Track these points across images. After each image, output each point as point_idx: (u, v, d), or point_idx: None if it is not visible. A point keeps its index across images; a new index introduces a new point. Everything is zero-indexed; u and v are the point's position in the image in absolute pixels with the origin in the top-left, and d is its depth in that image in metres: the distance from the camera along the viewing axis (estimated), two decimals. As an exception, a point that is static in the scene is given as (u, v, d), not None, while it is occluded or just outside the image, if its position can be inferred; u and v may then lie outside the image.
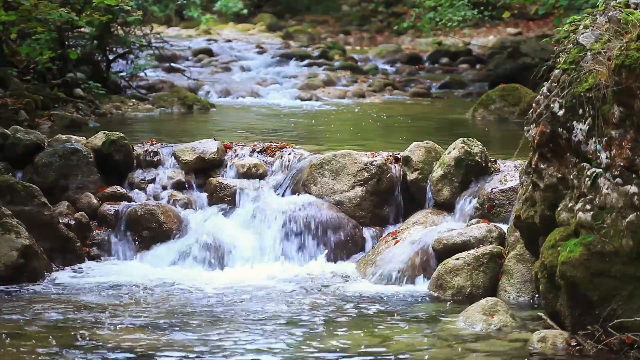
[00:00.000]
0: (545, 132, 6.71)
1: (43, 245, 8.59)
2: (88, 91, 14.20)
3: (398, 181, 9.37)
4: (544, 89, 6.81)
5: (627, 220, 6.17)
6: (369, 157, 9.44)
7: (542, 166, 6.83)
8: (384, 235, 9.10)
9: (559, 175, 6.70)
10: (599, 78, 6.27)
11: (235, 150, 10.02)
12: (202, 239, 9.01)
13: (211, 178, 9.68)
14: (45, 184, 9.27)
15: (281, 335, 6.76)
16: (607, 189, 6.26)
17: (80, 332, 6.76)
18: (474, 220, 8.60)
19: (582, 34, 6.57)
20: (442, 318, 7.19)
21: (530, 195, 7.00)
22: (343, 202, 9.30)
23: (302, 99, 17.12)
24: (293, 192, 9.46)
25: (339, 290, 8.10)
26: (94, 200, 9.38)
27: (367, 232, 9.23)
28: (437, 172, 9.09)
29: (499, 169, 9.14)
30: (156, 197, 9.54)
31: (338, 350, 6.44)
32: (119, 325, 6.94)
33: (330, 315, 7.33)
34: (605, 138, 6.29)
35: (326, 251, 9.05)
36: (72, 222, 9.11)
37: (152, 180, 9.72)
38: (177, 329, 6.90)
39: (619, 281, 6.23)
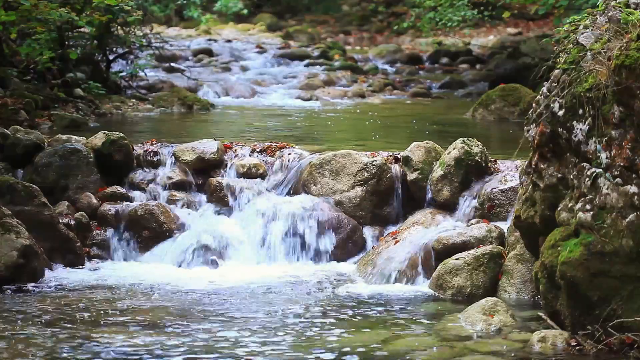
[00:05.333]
0: (545, 132, 6.71)
1: (43, 245, 8.59)
2: (88, 91, 14.19)
3: (398, 181, 9.37)
4: (544, 89, 6.81)
5: (627, 220, 6.17)
6: (369, 157, 9.44)
7: (542, 166, 6.83)
8: (384, 235, 9.10)
9: (559, 175, 6.70)
10: (599, 78, 6.27)
11: (235, 150, 10.02)
12: (202, 239, 9.02)
13: (211, 178, 9.69)
14: (45, 184, 9.27)
15: (280, 335, 6.76)
16: (607, 189, 6.27)
17: (80, 331, 6.77)
18: (474, 220, 8.60)
19: (582, 34, 6.57)
20: (442, 318, 7.19)
21: (530, 195, 7.00)
22: (343, 202, 9.30)
23: (302, 99, 17.11)
24: (293, 192, 9.47)
25: (338, 291, 8.10)
26: (94, 200, 9.39)
27: (367, 232, 9.23)
28: (437, 172, 9.10)
29: (499, 169, 9.15)
30: (156, 197, 9.54)
31: (338, 350, 6.44)
32: (119, 325, 6.94)
33: (330, 315, 7.33)
34: (605, 138, 6.29)
35: (326, 251, 9.05)
36: (72, 222, 9.11)
37: (152, 180, 9.72)
38: (177, 328, 6.90)
39: (619, 281, 6.23)
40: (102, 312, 7.34)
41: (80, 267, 8.86)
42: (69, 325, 6.94)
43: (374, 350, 6.44)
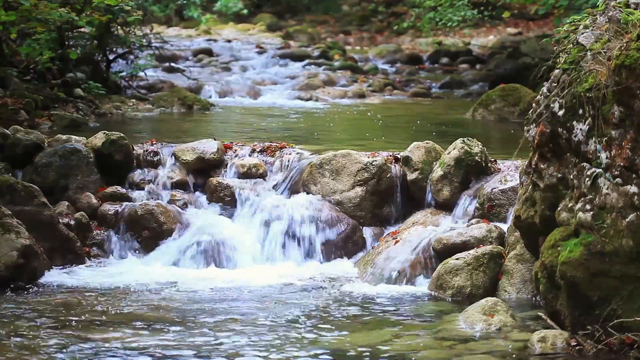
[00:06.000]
0: (545, 132, 6.71)
1: (43, 245, 8.59)
2: (88, 91, 14.19)
3: (398, 181, 9.37)
4: (544, 89, 6.81)
5: (627, 220, 6.17)
6: (369, 157, 9.44)
7: (542, 166, 6.83)
8: (384, 235, 9.10)
9: (559, 175, 6.70)
10: (599, 78, 6.27)
11: (235, 150, 10.02)
12: (202, 239, 9.02)
13: (211, 178, 9.69)
14: (45, 184, 9.27)
15: (280, 335, 6.76)
16: (607, 189, 6.27)
17: (80, 332, 6.77)
18: (474, 220, 8.60)
19: (582, 34, 6.57)
20: (442, 318, 7.19)
21: (530, 195, 7.00)
22: (343, 202, 9.30)
23: (302, 99, 17.11)
24: (293, 192, 9.46)
25: (338, 291, 8.10)
26: (94, 200, 9.38)
27: (367, 232, 9.23)
28: (437, 172, 9.09)
29: (499, 169, 9.15)
30: (156, 197, 9.54)
31: (338, 350, 6.44)
32: (119, 325, 6.94)
33: (330, 315, 7.33)
34: (605, 138, 6.29)
35: (326, 251, 9.05)
36: (72, 222, 9.11)
37: (152, 180, 9.72)
38: (177, 328, 6.90)
39: (619, 281, 6.23)
40: (102, 312, 7.34)
41: (80, 267, 8.85)
42: (69, 326, 6.94)
43: (374, 350, 6.44)
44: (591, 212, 6.32)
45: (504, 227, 8.34)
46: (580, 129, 6.46)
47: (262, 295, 7.97)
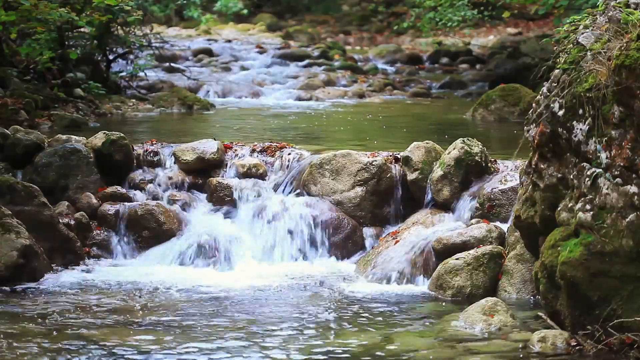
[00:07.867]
0: (545, 132, 6.71)
1: (43, 245, 8.59)
2: (88, 91, 14.20)
3: (398, 181, 9.37)
4: (544, 89, 6.81)
5: (627, 220, 6.17)
6: (369, 157, 9.44)
7: (542, 166, 6.83)
8: (384, 235, 9.11)
9: (559, 175, 6.71)
10: (599, 78, 6.27)
11: (235, 150, 10.02)
12: (202, 239, 9.02)
13: (211, 178, 9.69)
14: (45, 184, 9.27)
15: (280, 336, 6.76)
16: (607, 189, 6.27)
17: (80, 332, 6.77)
18: (474, 220, 8.60)
19: (582, 34, 6.57)
20: (442, 318, 7.19)
21: (530, 195, 7.00)
22: (343, 202, 9.30)
23: (302, 99, 17.11)
24: (293, 192, 9.46)
25: (338, 291, 8.10)
26: (94, 200, 9.38)
27: (367, 232, 9.23)
28: (437, 172, 9.09)
29: (498, 169, 9.15)
30: (156, 197, 9.54)
31: (337, 350, 6.44)
32: (119, 326, 6.94)
33: (330, 315, 7.33)
34: (605, 138, 6.29)
35: (326, 251, 9.05)
36: (72, 222, 9.11)
37: (152, 180, 9.72)
38: (177, 329, 6.90)
39: (619, 281, 6.23)
40: (101, 312, 7.34)
41: (80, 267, 8.85)
42: (69, 326, 6.94)
43: (374, 350, 6.44)
44: (591, 212, 6.32)
45: (504, 227, 8.34)
46: (580, 129, 6.46)
47: (262, 295, 7.96)
